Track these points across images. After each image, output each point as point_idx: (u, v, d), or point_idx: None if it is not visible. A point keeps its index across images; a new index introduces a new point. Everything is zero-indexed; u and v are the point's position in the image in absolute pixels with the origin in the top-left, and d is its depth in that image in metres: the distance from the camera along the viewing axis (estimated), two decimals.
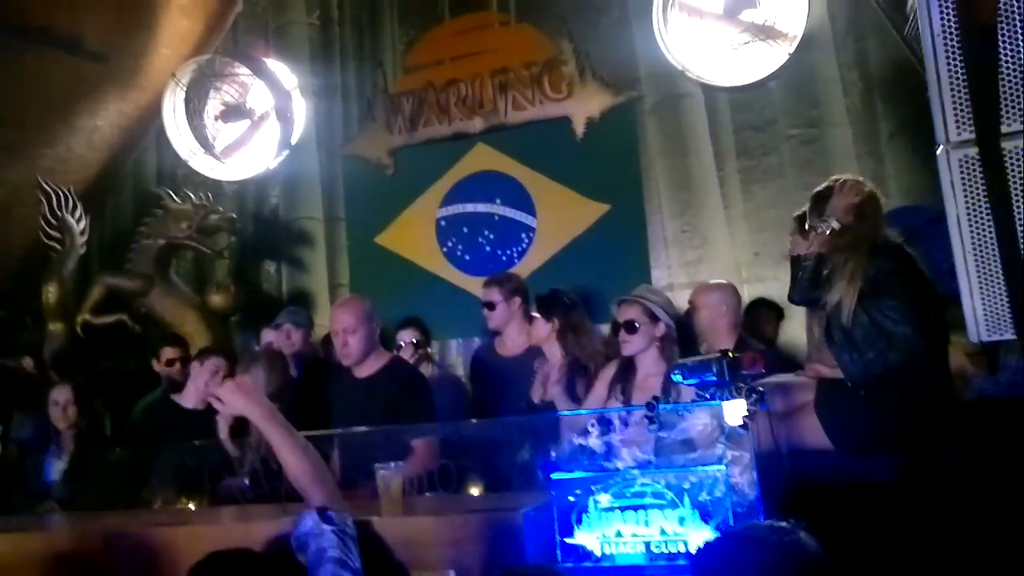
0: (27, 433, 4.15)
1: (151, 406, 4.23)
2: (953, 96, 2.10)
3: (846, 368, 2.83)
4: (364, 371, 3.56)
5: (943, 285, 3.32)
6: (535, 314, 3.94)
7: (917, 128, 4.52)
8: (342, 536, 2.13)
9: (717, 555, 1.56)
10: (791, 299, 3.08)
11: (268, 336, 4.67)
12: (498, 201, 5.58)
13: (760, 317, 4.48)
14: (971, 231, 2.09)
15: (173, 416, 4.05)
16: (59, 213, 5.58)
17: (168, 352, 4.65)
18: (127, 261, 5.75)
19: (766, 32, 4.96)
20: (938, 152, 2.13)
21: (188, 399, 4.12)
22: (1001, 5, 2.12)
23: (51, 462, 3.96)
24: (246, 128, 6.08)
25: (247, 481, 3.23)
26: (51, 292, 5.50)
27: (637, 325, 3.41)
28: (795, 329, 4.42)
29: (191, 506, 3.12)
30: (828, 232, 2.94)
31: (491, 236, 5.58)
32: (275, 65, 6.02)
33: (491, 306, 4.19)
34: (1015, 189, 2.09)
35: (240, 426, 3.36)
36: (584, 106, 5.42)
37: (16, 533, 2.79)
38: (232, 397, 2.35)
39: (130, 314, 5.59)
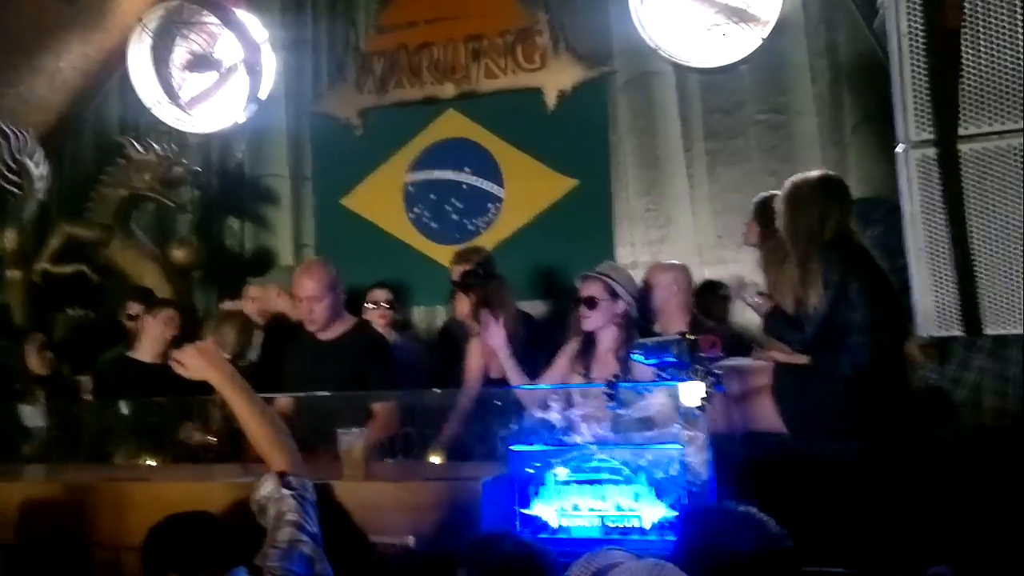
0: None
1: (111, 361, 4.19)
2: (915, 96, 2.17)
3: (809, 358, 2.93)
4: (328, 334, 3.57)
5: (898, 277, 3.45)
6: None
7: (881, 120, 4.60)
8: (301, 501, 2.17)
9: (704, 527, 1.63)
10: (799, 351, 3.01)
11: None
12: (467, 169, 5.59)
13: (711, 298, 4.57)
14: (925, 229, 2.17)
15: (132, 371, 4.02)
16: (18, 156, 5.42)
17: (133, 307, 4.59)
18: (87, 210, 5.64)
19: (740, 15, 5.00)
20: (897, 151, 2.20)
21: (144, 353, 4.09)
22: (966, 10, 2.18)
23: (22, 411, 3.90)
24: (214, 80, 5.97)
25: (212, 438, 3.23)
26: (9, 238, 5.38)
27: (597, 301, 3.45)
28: (745, 310, 4.53)
29: (151, 462, 3.12)
30: (754, 301, 3.03)
31: (459, 205, 5.59)
32: (245, 16, 5.89)
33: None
34: (969, 190, 2.17)
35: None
36: (556, 78, 5.43)
37: None
38: (193, 361, 2.36)
39: (90, 265, 5.50)
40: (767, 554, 1.57)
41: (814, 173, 3.09)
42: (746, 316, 4.57)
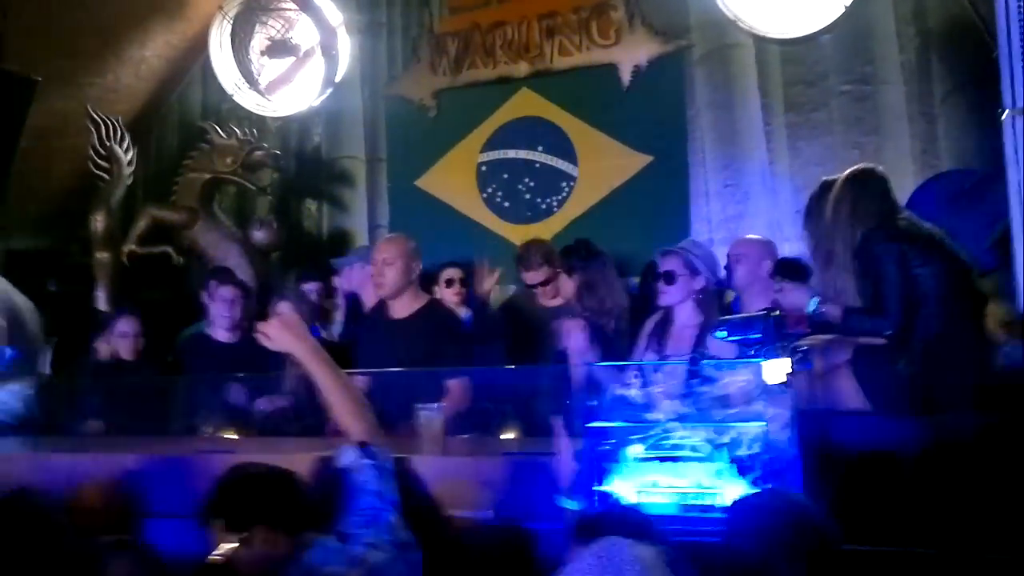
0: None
1: (187, 339, 4.30)
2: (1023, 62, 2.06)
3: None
4: (401, 311, 3.60)
5: (978, 257, 3.29)
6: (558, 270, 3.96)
7: (973, 90, 4.43)
8: (380, 471, 2.20)
9: (755, 511, 1.60)
10: (889, 335, 2.91)
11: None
12: (540, 148, 5.56)
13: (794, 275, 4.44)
14: None
15: (206, 348, 4.12)
16: (107, 143, 5.64)
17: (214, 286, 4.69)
18: (172, 194, 5.83)
19: None
20: (1003, 117, 2.09)
21: (216, 330, 4.17)
22: None
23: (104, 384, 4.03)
24: (291, 64, 6.08)
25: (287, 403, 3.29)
26: (99, 221, 5.59)
27: (676, 276, 3.39)
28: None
29: (234, 436, 3.21)
30: (820, 311, 2.94)
31: (531, 184, 5.57)
32: (321, 0, 5.98)
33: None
34: None
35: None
36: (632, 54, 5.34)
37: (68, 453, 2.91)
38: (278, 333, 2.40)
39: (174, 246, 5.68)
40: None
41: (842, 174, 2.99)
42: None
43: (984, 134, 3.91)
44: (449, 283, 4.41)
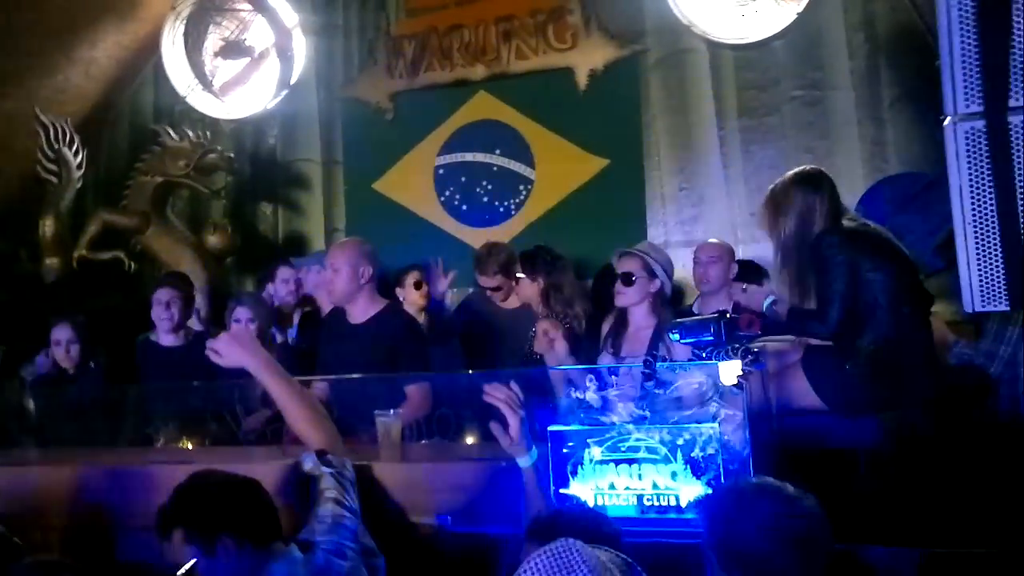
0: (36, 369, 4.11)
1: (138, 345, 4.21)
2: (964, 68, 2.11)
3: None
4: (359, 316, 3.56)
5: (925, 258, 3.37)
6: (520, 274, 3.96)
7: (920, 95, 4.54)
8: (339, 478, 2.19)
9: (729, 502, 1.62)
10: (825, 339, 2.93)
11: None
12: (497, 151, 5.57)
13: (747, 277, 4.50)
14: (972, 203, 2.11)
15: (154, 354, 4.03)
16: (56, 145, 5.51)
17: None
18: (123, 197, 5.71)
19: None
20: (945, 124, 2.14)
21: (161, 335, 4.06)
22: None
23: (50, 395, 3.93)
24: (245, 65, 6.01)
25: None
26: (48, 226, 5.47)
27: (634, 278, 3.42)
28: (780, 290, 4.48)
29: (190, 446, 3.16)
30: (773, 308, 2.98)
31: (489, 187, 5.58)
32: (276, 1, 5.92)
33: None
34: (1019, 163, 2.11)
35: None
36: (588, 57, 5.39)
37: (17, 467, 2.85)
38: (228, 348, 2.37)
39: (126, 251, 5.58)
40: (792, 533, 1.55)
41: (789, 173, 3.04)
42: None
43: (931, 138, 4.02)
44: (418, 285, 4.39)
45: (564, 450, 2.32)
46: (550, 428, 2.34)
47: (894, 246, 2.90)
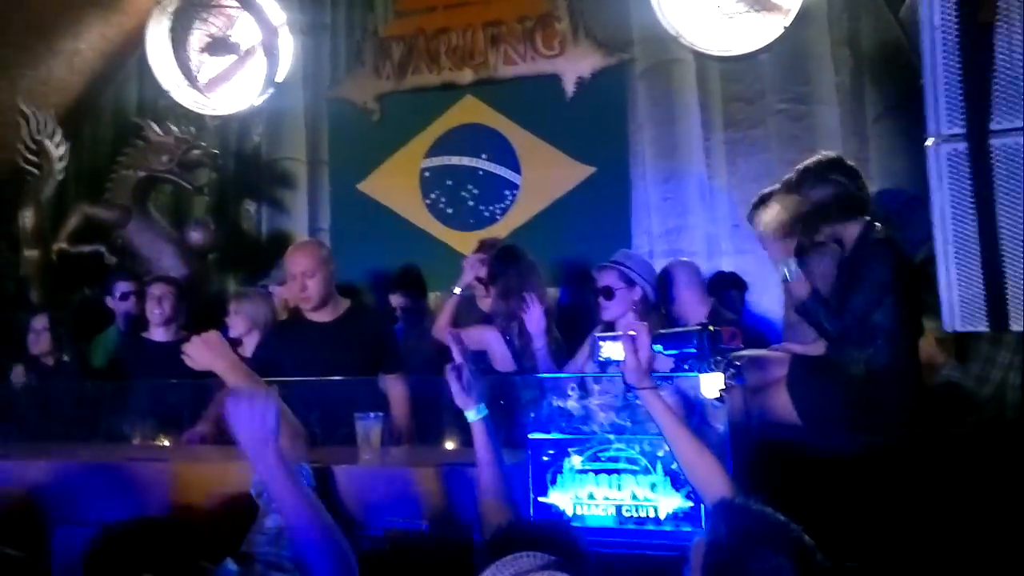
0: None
1: (120, 342, 4.18)
2: (947, 91, 2.13)
3: (829, 350, 2.91)
4: (322, 316, 3.51)
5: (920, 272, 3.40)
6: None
7: (903, 112, 4.60)
8: None
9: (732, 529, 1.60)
10: (830, 339, 2.96)
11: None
12: (484, 156, 5.57)
13: (729, 290, 4.54)
14: (954, 224, 2.14)
15: (143, 349, 4.01)
16: (38, 137, 5.45)
17: (122, 286, 4.60)
18: (105, 191, 5.66)
19: (761, 3, 4.95)
20: (928, 145, 2.17)
21: (155, 332, 4.07)
22: (999, 4, 2.14)
23: (26, 388, 3.91)
24: (231, 62, 5.98)
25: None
26: (28, 217, 5.40)
27: (614, 290, 3.43)
28: (763, 299, 4.53)
29: (166, 443, 3.14)
30: (789, 279, 2.97)
31: (475, 191, 5.58)
32: None
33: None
34: (1000, 186, 2.14)
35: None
36: (575, 65, 5.40)
37: None
38: (197, 352, 2.36)
39: (107, 245, 5.52)
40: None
41: (817, 158, 3.03)
42: (763, 307, 4.57)
43: (913, 155, 4.04)
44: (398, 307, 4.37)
45: (544, 458, 2.32)
46: (530, 436, 2.34)
47: (915, 271, 2.91)
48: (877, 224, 2.93)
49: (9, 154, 5.46)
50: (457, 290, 3.96)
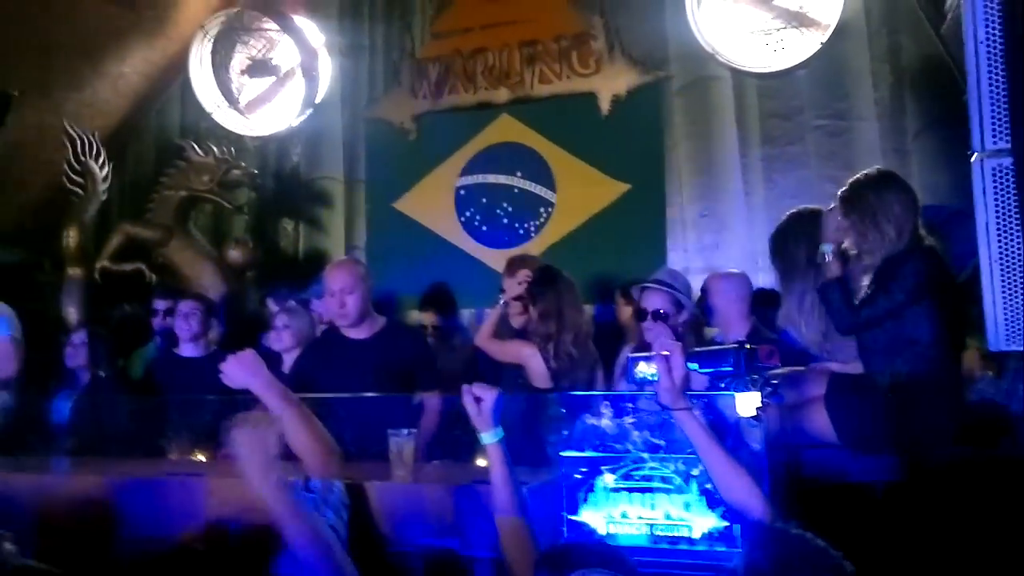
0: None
1: (156, 360, 4.23)
2: (992, 104, 2.09)
3: (864, 366, 2.84)
4: (359, 333, 3.53)
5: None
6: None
7: (945, 127, 4.51)
8: (320, 504, 2.17)
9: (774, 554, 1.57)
10: (840, 332, 2.97)
11: None
12: (519, 174, 5.58)
13: (768, 307, 4.46)
14: (999, 240, 2.09)
15: (174, 365, 4.05)
16: (83, 158, 5.59)
17: (161, 303, 4.62)
18: (147, 211, 5.78)
19: (799, 19, 4.92)
20: (972, 160, 2.12)
21: (184, 346, 4.11)
22: None
23: (64, 404, 3.97)
24: (271, 84, 6.09)
25: None
26: (71, 236, 5.53)
27: (664, 314, 3.39)
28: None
29: (202, 458, 3.16)
30: (825, 260, 2.90)
31: (509, 208, 5.59)
32: (303, 21, 6.00)
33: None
34: None
35: None
36: (611, 83, 5.41)
37: (32, 473, 2.86)
38: (233, 370, 2.38)
39: (148, 263, 5.63)
40: None
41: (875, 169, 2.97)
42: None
43: (955, 171, 3.98)
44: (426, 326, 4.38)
45: (576, 476, 2.30)
46: (563, 453, 2.32)
47: (955, 283, 2.84)
48: (923, 232, 2.86)
49: (55, 175, 5.60)
50: (502, 300, 3.94)
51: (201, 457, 3.19)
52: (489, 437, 2.18)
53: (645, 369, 2.19)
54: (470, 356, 4.36)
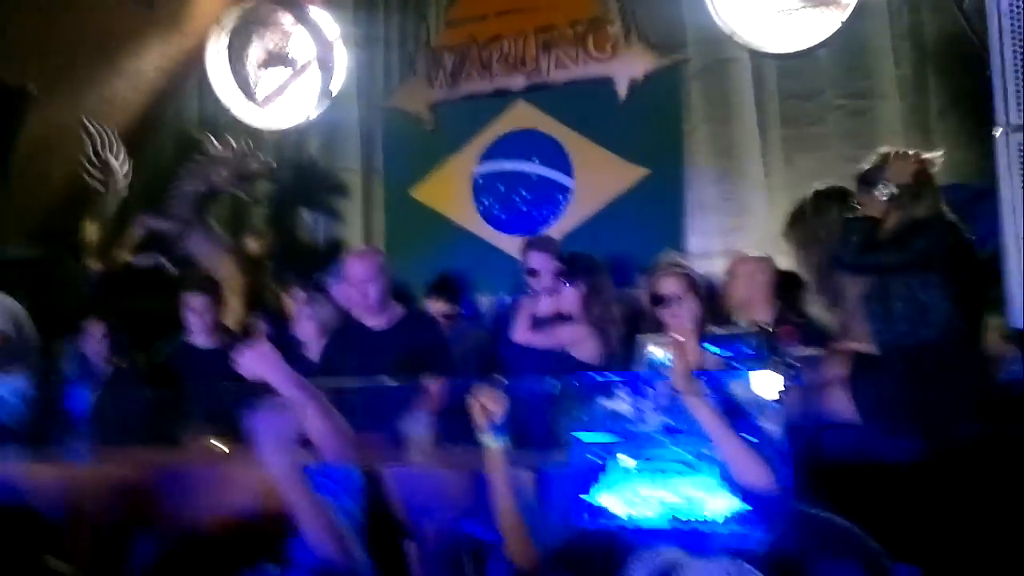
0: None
1: (173, 350, 4.27)
2: (1016, 78, 2.05)
3: (876, 336, 2.81)
4: (379, 322, 3.54)
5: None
6: (562, 279, 3.90)
7: (969, 104, 4.42)
8: (334, 489, 2.17)
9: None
10: (840, 263, 2.97)
11: None
12: (536, 160, 5.55)
13: (790, 289, 4.41)
14: (1022, 216, 2.04)
15: (190, 356, 4.10)
16: (102, 154, 5.64)
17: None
18: (166, 204, 5.81)
19: None
20: (996, 134, 2.08)
21: (197, 338, 4.15)
22: None
23: (83, 395, 4.01)
24: (287, 76, 6.10)
25: None
26: (91, 231, 5.59)
27: (683, 297, 3.36)
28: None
29: (223, 447, 3.17)
30: (886, 197, 2.88)
31: (527, 195, 5.56)
32: (318, 13, 5.99)
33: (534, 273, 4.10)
34: None
35: None
36: (628, 67, 5.35)
37: (57, 464, 2.89)
38: (250, 363, 2.38)
39: (168, 256, 5.66)
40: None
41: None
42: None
43: (979, 149, 3.91)
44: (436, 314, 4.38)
45: (595, 459, 2.28)
46: (579, 436, 2.30)
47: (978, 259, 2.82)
48: (946, 209, 2.84)
49: (75, 171, 5.64)
50: (539, 287, 3.94)
51: (220, 445, 3.20)
52: (490, 440, 2.17)
53: (658, 353, 2.17)
54: (484, 343, 4.37)
